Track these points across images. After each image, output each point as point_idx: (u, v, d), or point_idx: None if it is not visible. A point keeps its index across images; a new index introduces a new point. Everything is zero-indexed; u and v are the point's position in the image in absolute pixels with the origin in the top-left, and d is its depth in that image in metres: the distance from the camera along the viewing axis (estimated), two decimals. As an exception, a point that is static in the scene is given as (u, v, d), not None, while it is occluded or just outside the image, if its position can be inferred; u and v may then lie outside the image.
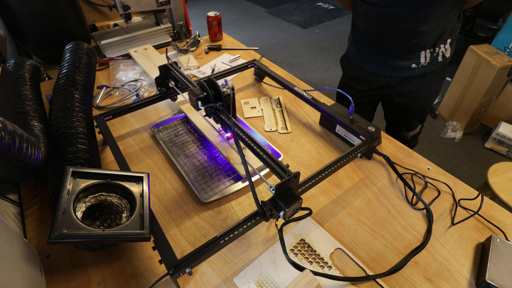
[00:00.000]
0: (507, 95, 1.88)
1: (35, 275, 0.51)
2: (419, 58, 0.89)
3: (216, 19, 1.25)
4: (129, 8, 1.17)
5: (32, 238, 0.60)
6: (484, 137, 2.00)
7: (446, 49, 0.89)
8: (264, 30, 3.39)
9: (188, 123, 0.86)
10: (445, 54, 0.90)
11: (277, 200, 0.50)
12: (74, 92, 0.77)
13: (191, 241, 0.60)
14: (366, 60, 0.98)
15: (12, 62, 0.88)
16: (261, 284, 0.53)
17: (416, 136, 1.14)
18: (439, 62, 0.91)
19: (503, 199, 1.14)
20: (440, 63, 0.91)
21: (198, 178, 0.71)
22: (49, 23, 1.16)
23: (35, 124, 0.69)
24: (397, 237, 0.60)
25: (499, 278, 0.50)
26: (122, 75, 1.07)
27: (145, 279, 0.54)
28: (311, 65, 2.80)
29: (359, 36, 0.97)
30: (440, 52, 0.89)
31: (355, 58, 1.01)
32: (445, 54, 0.90)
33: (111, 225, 0.54)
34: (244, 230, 0.52)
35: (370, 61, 0.97)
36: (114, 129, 0.85)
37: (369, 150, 0.72)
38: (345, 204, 0.66)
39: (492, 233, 0.60)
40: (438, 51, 0.89)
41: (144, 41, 1.30)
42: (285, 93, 0.98)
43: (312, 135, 0.83)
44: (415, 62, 0.90)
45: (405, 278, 0.53)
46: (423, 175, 0.70)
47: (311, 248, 0.58)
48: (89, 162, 0.64)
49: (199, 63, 1.16)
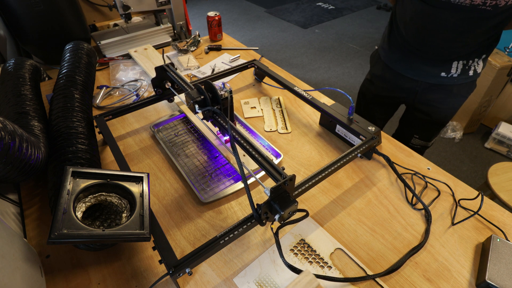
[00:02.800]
0: (507, 95, 1.88)
1: (35, 275, 0.51)
2: (451, 68, 0.87)
3: (216, 19, 1.25)
4: (129, 8, 1.17)
5: (32, 238, 0.60)
6: (484, 137, 2.00)
7: (479, 64, 0.87)
8: (264, 30, 3.39)
9: (188, 123, 0.86)
10: (476, 68, 0.87)
11: (272, 203, 0.50)
12: (74, 92, 0.77)
13: (191, 241, 0.60)
14: (396, 60, 0.96)
15: (12, 62, 0.88)
16: (261, 284, 0.53)
17: (424, 149, 1.11)
18: (469, 76, 0.88)
19: (503, 199, 1.14)
20: (470, 77, 0.88)
21: (198, 178, 0.71)
22: (49, 23, 1.16)
23: (35, 124, 0.69)
24: (397, 237, 0.60)
25: (499, 278, 0.50)
26: (122, 75, 1.07)
27: (145, 279, 0.54)
28: (311, 65, 2.80)
29: (395, 34, 0.94)
30: (472, 66, 0.86)
31: (385, 56, 0.99)
32: (476, 69, 0.87)
33: (111, 225, 0.54)
34: (244, 230, 0.52)
35: (400, 62, 0.95)
36: (114, 129, 0.85)
37: (369, 150, 0.72)
38: (345, 204, 0.66)
39: (492, 233, 0.60)
40: (471, 65, 0.86)
41: (144, 41, 1.30)
42: (285, 93, 0.98)
43: (312, 135, 0.83)
44: (445, 71, 0.88)
45: (405, 278, 0.53)
46: (423, 175, 0.70)
47: (311, 248, 0.58)
48: (89, 162, 0.64)
49: (199, 63, 1.16)
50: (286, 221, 0.53)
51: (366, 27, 3.46)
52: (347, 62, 2.85)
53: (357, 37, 3.26)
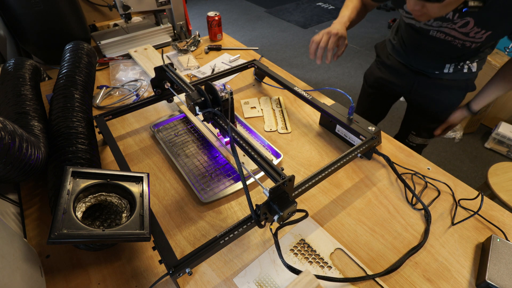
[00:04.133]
0: (507, 95, 1.88)
1: (35, 275, 0.51)
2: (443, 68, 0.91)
3: (216, 19, 1.25)
4: (129, 8, 1.17)
5: (32, 238, 0.60)
6: (484, 137, 2.00)
7: (473, 66, 0.89)
8: (264, 30, 3.39)
9: (188, 123, 0.86)
10: (471, 68, 0.89)
11: (271, 203, 0.50)
12: (74, 92, 0.77)
13: (191, 241, 0.60)
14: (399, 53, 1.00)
15: (12, 62, 0.88)
16: (261, 284, 0.53)
17: (421, 147, 1.13)
18: (464, 73, 0.90)
19: (503, 199, 1.14)
20: (466, 74, 0.90)
21: (198, 178, 0.71)
22: (49, 23, 1.16)
23: (35, 124, 0.69)
24: (397, 237, 0.60)
25: (499, 278, 0.50)
26: (122, 75, 1.07)
27: (145, 279, 0.54)
28: (311, 65, 2.80)
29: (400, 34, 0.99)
30: (465, 66, 0.89)
31: (391, 48, 1.02)
32: (471, 68, 0.89)
33: (111, 225, 0.54)
34: (244, 230, 0.52)
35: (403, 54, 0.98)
36: (114, 129, 0.85)
37: (369, 150, 0.72)
38: (345, 204, 0.66)
39: (492, 233, 0.60)
40: (463, 66, 0.89)
41: (144, 41, 1.30)
42: (285, 93, 0.98)
43: (312, 135, 0.83)
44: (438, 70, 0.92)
45: (405, 278, 0.53)
46: (423, 175, 0.70)
47: (311, 248, 0.58)
48: (89, 162, 0.64)
49: (199, 63, 1.16)
50: (285, 222, 0.53)
51: (366, 27, 3.46)
52: (347, 62, 2.85)
53: (357, 37, 3.26)
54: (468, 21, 0.72)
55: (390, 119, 2.14)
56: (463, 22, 0.73)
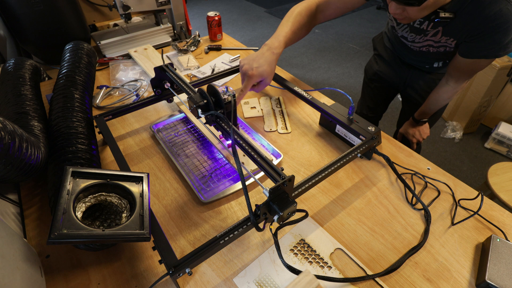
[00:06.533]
0: (507, 95, 1.88)
1: (35, 275, 0.51)
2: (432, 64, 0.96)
3: (216, 19, 1.25)
4: (129, 8, 1.17)
5: (32, 238, 0.60)
6: (484, 137, 2.01)
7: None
8: (264, 30, 3.39)
9: (188, 123, 0.86)
10: None
11: (271, 203, 0.50)
12: (74, 92, 0.77)
13: (191, 241, 0.60)
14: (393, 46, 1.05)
15: (12, 62, 0.88)
16: (261, 284, 0.53)
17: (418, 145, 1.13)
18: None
19: (503, 199, 1.14)
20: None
21: (198, 178, 0.71)
22: (49, 23, 1.16)
23: (35, 124, 0.69)
24: (397, 237, 0.60)
25: (499, 278, 0.50)
26: (122, 75, 1.07)
27: (145, 279, 0.54)
28: (311, 65, 2.80)
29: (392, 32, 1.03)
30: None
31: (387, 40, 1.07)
32: None
33: (111, 225, 0.54)
34: (244, 230, 0.52)
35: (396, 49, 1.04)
36: (114, 129, 0.85)
37: (369, 150, 0.72)
38: (345, 204, 0.66)
39: (492, 233, 0.60)
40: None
41: (144, 41, 1.30)
42: (285, 93, 0.98)
43: (312, 135, 0.83)
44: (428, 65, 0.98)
45: (405, 278, 0.53)
46: (423, 175, 0.70)
47: (311, 248, 0.58)
48: (89, 162, 0.64)
49: (199, 63, 1.16)
50: (285, 222, 0.53)
51: (366, 27, 3.46)
52: (347, 62, 2.85)
53: (357, 37, 3.26)
54: (438, 30, 0.78)
55: (390, 119, 2.14)
56: (434, 32, 0.79)
